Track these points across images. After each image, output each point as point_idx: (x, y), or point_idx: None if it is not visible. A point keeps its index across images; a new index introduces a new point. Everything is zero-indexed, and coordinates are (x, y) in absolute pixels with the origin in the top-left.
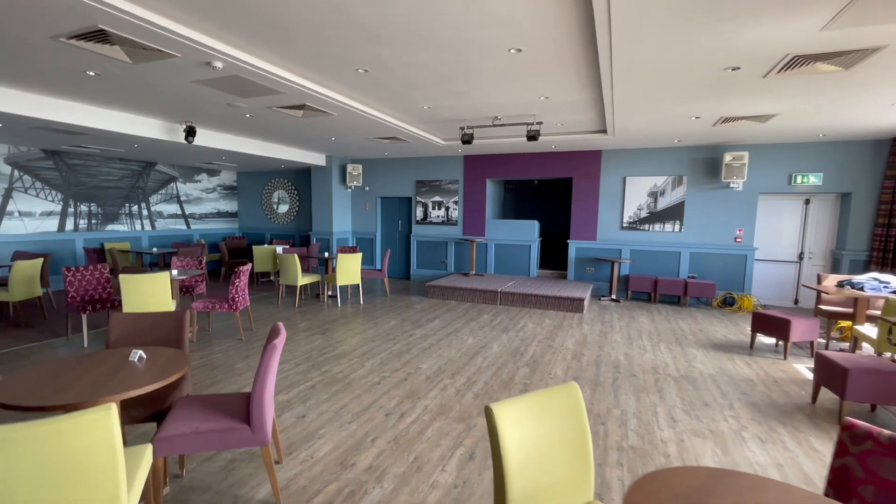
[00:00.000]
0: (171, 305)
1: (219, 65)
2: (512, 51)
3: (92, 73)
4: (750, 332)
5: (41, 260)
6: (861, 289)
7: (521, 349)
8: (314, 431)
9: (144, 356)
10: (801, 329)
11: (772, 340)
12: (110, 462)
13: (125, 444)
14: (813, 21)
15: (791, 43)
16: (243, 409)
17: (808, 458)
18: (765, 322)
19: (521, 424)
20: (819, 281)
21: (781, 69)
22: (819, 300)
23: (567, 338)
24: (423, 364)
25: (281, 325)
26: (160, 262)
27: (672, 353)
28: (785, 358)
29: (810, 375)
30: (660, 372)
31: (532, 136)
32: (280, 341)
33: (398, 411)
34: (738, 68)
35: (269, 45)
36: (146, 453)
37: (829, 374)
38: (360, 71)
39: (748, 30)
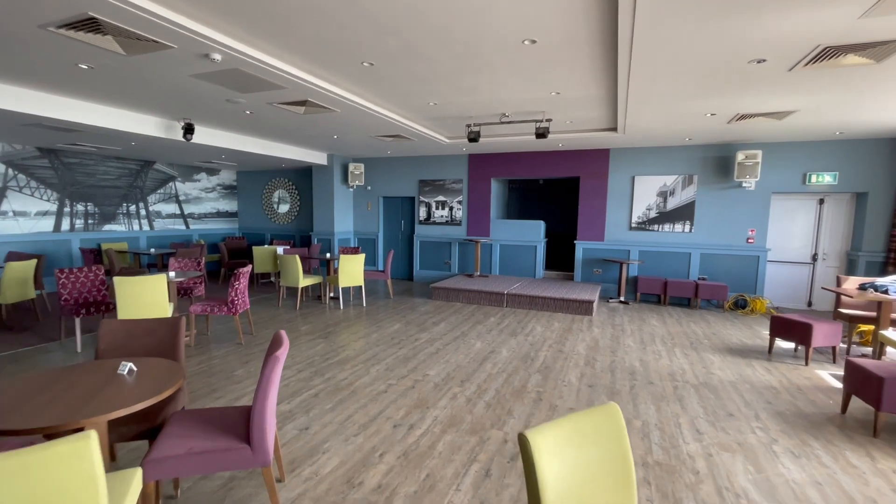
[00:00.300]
0: (167, 309)
1: (217, 57)
2: (526, 42)
3: (85, 67)
4: (767, 337)
5: (34, 261)
6: (885, 292)
7: (532, 354)
8: (318, 445)
9: (135, 368)
10: (824, 334)
11: (790, 345)
12: (91, 497)
13: (115, 461)
14: (852, 7)
15: (825, 32)
16: (243, 425)
17: (847, 476)
18: (784, 326)
19: (559, 453)
20: (839, 283)
21: (809, 62)
22: (839, 303)
23: (578, 342)
24: (430, 370)
25: (283, 333)
26: (158, 263)
27: (688, 358)
28: (806, 364)
29: (836, 383)
30: (678, 379)
31: (541, 134)
32: (283, 352)
33: (407, 423)
34: (764, 61)
35: (269, 36)
36: (135, 478)
37: (861, 383)
38: (365, 64)
39: (781, 18)
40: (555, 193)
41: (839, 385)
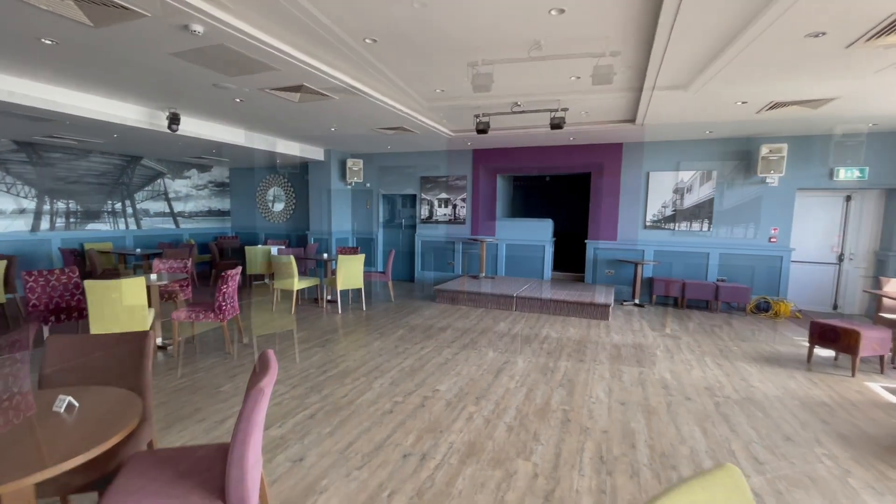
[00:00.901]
0: (147, 316)
1: (198, 28)
2: (553, 11)
3: (49, 42)
4: (799, 342)
5: (4, 262)
6: None
7: (551, 365)
8: (315, 482)
9: (75, 404)
10: (872, 341)
11: (827, 352)
12: None
13: None
14: None
15: None
16: (219, 471)
17: None
18: (826, 332)
19: None
20: (880, 285)
21: (874, 36)
22: (880, 307)
23: (599, 350)
24: (440, 385)
25: (271, 354)
26: (145, 265)
27: (722, 368)
28: (853, 375)
29: (892, 397)
30: (717, 394)
31: (556, 125)
32: (269, 381)
33: (418, 451)
34: (824, 34)
35: (259, 5)
36: None
37: None
38: (367, 41)
39: None
40: (562, 191)
41: None
